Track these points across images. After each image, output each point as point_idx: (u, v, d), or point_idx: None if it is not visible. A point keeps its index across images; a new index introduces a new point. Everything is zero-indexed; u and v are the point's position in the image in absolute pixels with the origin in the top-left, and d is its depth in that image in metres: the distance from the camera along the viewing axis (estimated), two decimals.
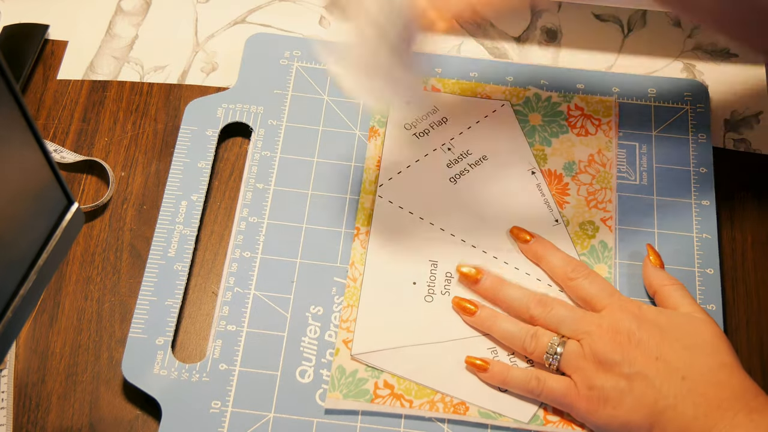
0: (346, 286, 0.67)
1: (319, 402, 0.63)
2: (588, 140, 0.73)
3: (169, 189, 0.70)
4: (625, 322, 0.61)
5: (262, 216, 0.69)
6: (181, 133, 0.72)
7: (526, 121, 0.73)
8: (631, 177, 0.72)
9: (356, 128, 0.73)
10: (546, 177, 0.71)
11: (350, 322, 0.65)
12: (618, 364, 0.59)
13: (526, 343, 0.63)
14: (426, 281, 0.67)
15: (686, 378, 0.58)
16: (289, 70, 0.75)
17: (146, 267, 0.67)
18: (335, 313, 0.66)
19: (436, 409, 0.63)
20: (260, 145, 0.72)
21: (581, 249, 0.69)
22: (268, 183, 0.71)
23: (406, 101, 0.66)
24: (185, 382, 0.63)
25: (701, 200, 0.71)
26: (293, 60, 0.76)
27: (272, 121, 0.73)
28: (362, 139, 0.73)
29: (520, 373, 0.62)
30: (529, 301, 0.64)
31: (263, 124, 0.73)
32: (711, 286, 0.68)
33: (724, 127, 0.75)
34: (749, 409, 0.57)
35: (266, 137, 0.72)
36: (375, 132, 0.73)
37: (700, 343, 0.60)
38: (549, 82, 0.75)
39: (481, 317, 0.65)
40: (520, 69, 0.76)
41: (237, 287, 0.67)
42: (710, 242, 0.69)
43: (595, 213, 0.70)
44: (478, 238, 0.69)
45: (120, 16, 0.79)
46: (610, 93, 0.75)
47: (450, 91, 0.75)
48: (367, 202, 0.70)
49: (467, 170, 0.71)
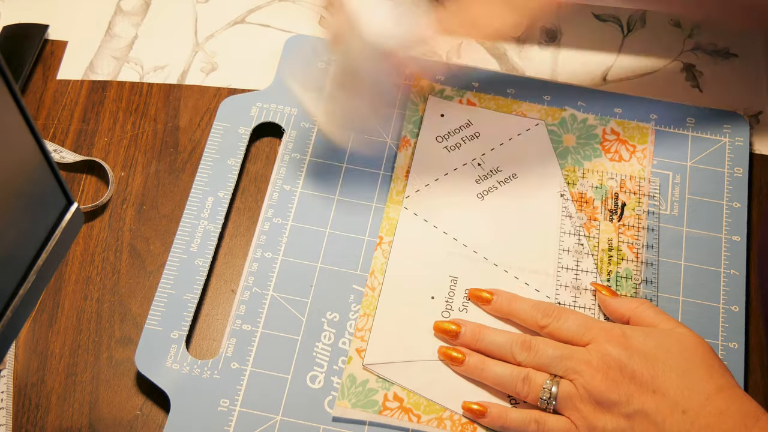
0: (364, 295, 0.67)
1: (328, 409, 0.63)
2: (621, 166, 0.72)
3: (197, 184, 0.70)
4: (614, 353, 0.60)
5: (287, 218, 0.69)
6: (213, 129, 0.72)
7: (559, 142, 0.73)
8: (662, 206, 0.71)
9: (388, 137, 0.73)
10: (575, 200, 0.70)
11: (365, 331, 0.65)
12: (616, 404, 0.58)
13: (518, 387, 0.62)
14: (444, 297, 0.67)
15: (687, 411, 0.57)
16: (326, 74, 0.75)
17: (167, 260, 0.67)
18: (351, 321, 0.66)
19: (444, 426, 0.62)
20: (291, 147, 0.72)
21: (605, 276, 0.68)
22: (295, 185, 0.71)
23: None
24: (196, 377, 0.64)
25: (732, 235, 0.70)
26: (330, 64, 0.76)
27: (305, 124, 0.73)
28: (393, 148, 0.72)
29: (519, 415, 0.61)
30: (513, 346, 0.63)
31: (295, 126, 0.73)
32: (735, 324, 0.66)
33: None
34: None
35: (297, 139, 0.72)
36: (406, 142, 0.72)
37: (693, 367, 0.59)
38: (586, 103, 0.74)
39: (469, 365, 0.63)
40: (559, 88, 0.75)
41: (256, 287, 0.67)
42: (738, 279, 0.68)
43: (622, 240, 0.69)
44: (501, 257, 0.68)
45: (120, 16, 0.80)
46: (648, 119, 0.74)
47: (486, 106, 0.74)
48: (393, 212, 0.70)
49: (496, 187, 0.71)
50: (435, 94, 0.74)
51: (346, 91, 0.65)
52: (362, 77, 0.64)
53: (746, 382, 0.65)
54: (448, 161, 0.72)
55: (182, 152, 0.73)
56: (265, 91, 0.74)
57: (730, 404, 0.57)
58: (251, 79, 0.77)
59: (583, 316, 0.63)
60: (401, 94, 0.74)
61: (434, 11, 0.64)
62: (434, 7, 0.64)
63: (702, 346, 0.60)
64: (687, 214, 0.70)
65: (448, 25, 0.64)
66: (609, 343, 0.60)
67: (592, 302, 0.67)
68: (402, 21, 0.62)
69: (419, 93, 0.74)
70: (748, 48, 0.79)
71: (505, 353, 0.63)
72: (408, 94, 0.74)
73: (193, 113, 0.75)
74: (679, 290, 0.68)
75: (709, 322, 0.66)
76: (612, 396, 0.59)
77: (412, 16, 0.63)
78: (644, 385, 0.58)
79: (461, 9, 0.64)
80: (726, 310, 0.67)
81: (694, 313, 0.67)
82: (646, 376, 0.58)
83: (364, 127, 0.71)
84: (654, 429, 0.57)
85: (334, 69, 0.67)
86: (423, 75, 0.72)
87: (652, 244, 0.69)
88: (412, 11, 0.63)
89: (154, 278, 0.68)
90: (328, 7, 0.63)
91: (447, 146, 0.72)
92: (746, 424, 0.56)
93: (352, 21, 0.61)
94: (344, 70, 0.64)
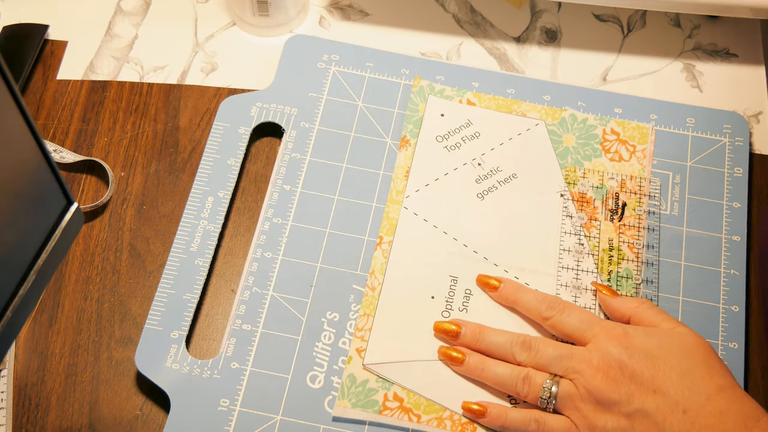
0: (364, 295, 0.67)
1: (328, 409, 0.63)
2: (621, 166, 0.72)
3: (197, 184, 0.70)
4: (615, 352, 0.60)
5: (287, 218, 0.69)
6: (213, 129, 0.72)
7: (559, 142, 0.73)
8: (663, 206, 0.71)
9: (387, 137, 0.73)
10: (576, 199, 0.70)
11: (365, 331, 0.65)
12: (616, 403, 0.58)
13: (518, 387, 0.62)
14: (445, 296, 0.67)
15: (687, 411, 0.57)
16: (326, 74, 0.75)
17: (167, 260, 0.67)
18: (351, 321, 0.66)
19: (444, 426, 0.62)
20: (291, 147, 0.72)
21: (605, 275, 0.68)
22: (295, 185, 0.71)
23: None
24: (196, 377, 0.64)
25: (732, 235, 0.70)
26: (331, 64, 0.76)
27: (305, 124, 0.73)
28: (393, 148, 0.72)
29: (519, 415, 0.61)
30: (513, 346, 0.63)
31: (295, 126, 0.73)
32: (735, 324, 0.66)
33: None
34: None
35: (297, 139, 0.72)
36: (406, 142, 0.72)
37: (694, 367, 0.59)
38: (587, 104, 0.74)
39: (470, 365, 0.63)
40: (559, 89, 0.75)
41: (256, 287, 0.67)
42: (738, 279, 0.68)
43: (622, 240, 0.69)
44: (501, 257, 0.68)
45: (120, 16, 0.80)
46: (648, 119, 0.74)
47: (485, 106, 0.74)
48: (393, 211, 0.70)
49: (496, 187, 0.71)
50: (435, 94, 0.74)
51: None
52: None
53: (746, 382, 0.65)
54: (448, 161, 0.72)
55: (182, 152, 0.73)
56: (265, 91, 0.74)
57: (731, 404, 0.57)
58: (251, 79, 0.77)
59: (587, 312, 0.63)
60: (401, 94, 0.74)
61: None
62: None
63: (703, 346, 0.60)
64: (687, 214, 0.70)
65: None
66: (610, 342, 0.60)
67: (593, 302, 0.66)
68: None
69: (419, 93, 0.74)
70: (748, 48, 0.79)
71: (506, 353, 0.63)
72: (408, 94, 0.74)
73: (193, 113, 0.75)
74: (680, 290, 0.68)
75: (709, 322, 0.66)
76: (612, 395, 0.59)
77: None
78: (645, 384, 0.58)
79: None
80: (726, 310, 0.67)
81: (694, 313, 0.67)
82: (647, 375, 0.58)
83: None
84: (654, 428, 0.57)
85: None
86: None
87: (653, 244, 0.69)
88: None
89: (154, 278, 0.68)
90: None
91: (447, 146, 0.72)
92: (746, 424, 0.56)
93: None
94: None
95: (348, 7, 0.81)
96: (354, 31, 0.80)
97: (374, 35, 0.79)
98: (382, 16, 0.80)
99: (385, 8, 0.81)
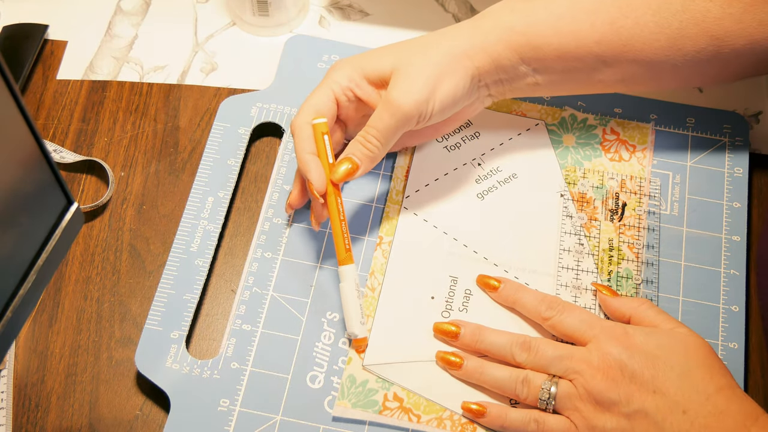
0: (364, 295, 0.67)
1: (327, 409, 0.63)
2: (621, 165, 0.72)
3: (197, 184, 0.70)
4: (615, 353, 0.60)
5: (287, 218, 0.69)
6: (213, 129, 0.72)
7: (559, 142, 0.73)
8: (662, 206, 0.71)
9: None
10: (576, 199, 0.70)
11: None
12: (616, 403, 0.58)
13: (518, 390, 0.62)
14: (444, 296, 0.67)
15: (687, 411, 0.57)
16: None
17: (167, 260, 0.67)
18: None
19: (444, 426, 0.62)
20: (291, 147, 0.72)
21: (605, 275, 0.68)
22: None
23: None
24: (196, 377, 0.64)
25: (732, 235, 0.70)
26: (331, 64, 0.76)
27: None
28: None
29: (519, 415, 0.61)
30: (513, 347, 0.63)
31: None
32: (735, 324, 0.66)
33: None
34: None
35: None
36: None
37: (694, 367, 0.59)
38: (586, 104, 0.74)
39: (468, 369, 0.63)
40: None
41: (255, 287, 0.67)
42: (738, 279, 0.68)
43: (622, 240, 0.69)
44: (501, 257, 0.68)
45: (120, 16, 0.80)
46: (648, 119, 0.74)
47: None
48: (393, 212, 0.70)
49: (496, 187, 0.71)
50: None
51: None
52: None
53: (746, 382, 0.65)
54: (448, 161, 0.72)
55: (182, 152, 0.73)
56: (265, 91, 0.74)
57: (730, 404, 0.57)
58: (251, 79, 0.77)
59: (587, 312, 0.63)
60: None
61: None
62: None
63: (703, 347, 0.60)
64: (687, 214, 0.70)
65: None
66: (610, 342, 0.60)
67: (593, 302, 0.66)
68: None
69: None
70: None
71: (505, 354, 0.63)
72: None
73: (193, 113, 0.75)
74: (679, 290, 0.68)
75: (709, 322, 0.66)
76: (612, 395, 0.59)
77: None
78: (644, 384, 0.58)
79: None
80: (726, 310, 0.67)
81: (694, 313, 0.67)
82: (647, 375, 0.58)
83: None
84: (654, 428, 0.57)
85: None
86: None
87: (653, 244, 0.69)
88: None
89: (154, 278, 0.68)
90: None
91: (447, 146, 0.72)
92: (746, 424, 0.57)
93: None
94: None
95: (348, 7, 0.81)
96: (354, 31, 0.80)
97: (374, 35, 0.79)
98: (382, 16, 0.80)
99: (385, 8, 0.81)
